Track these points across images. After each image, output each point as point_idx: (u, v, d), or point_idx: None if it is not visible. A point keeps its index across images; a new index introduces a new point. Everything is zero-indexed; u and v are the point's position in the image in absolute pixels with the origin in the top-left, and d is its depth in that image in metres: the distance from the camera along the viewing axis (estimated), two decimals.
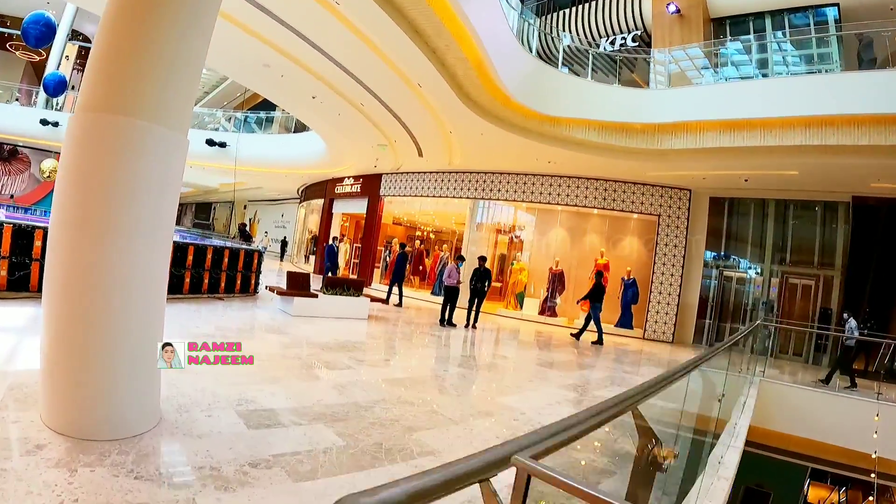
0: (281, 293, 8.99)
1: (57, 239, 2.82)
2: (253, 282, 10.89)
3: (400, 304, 12.90)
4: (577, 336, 11.38)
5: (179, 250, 8.86)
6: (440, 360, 7.15)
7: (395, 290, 13.11)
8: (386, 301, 11.31)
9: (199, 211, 42.70)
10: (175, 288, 8.71)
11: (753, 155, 10.38)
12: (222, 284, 9.89)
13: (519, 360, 8.09)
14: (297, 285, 9.34)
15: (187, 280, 9.02)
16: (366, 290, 10.52)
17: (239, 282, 10.39)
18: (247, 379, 4.45)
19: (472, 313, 10.75)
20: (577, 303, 11.87)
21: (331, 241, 15.20)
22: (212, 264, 9.62)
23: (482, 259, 10.92)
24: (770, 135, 9.81)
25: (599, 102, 11.17)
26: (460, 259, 11.32)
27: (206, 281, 9.49)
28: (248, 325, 7.43)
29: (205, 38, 3.18)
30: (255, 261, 10.99)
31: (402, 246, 14.30)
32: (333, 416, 3.89)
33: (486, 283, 10.73)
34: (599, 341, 11.11)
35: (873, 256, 12.35)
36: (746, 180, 12.37)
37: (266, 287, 9.82)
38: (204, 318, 7.23)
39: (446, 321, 10.57)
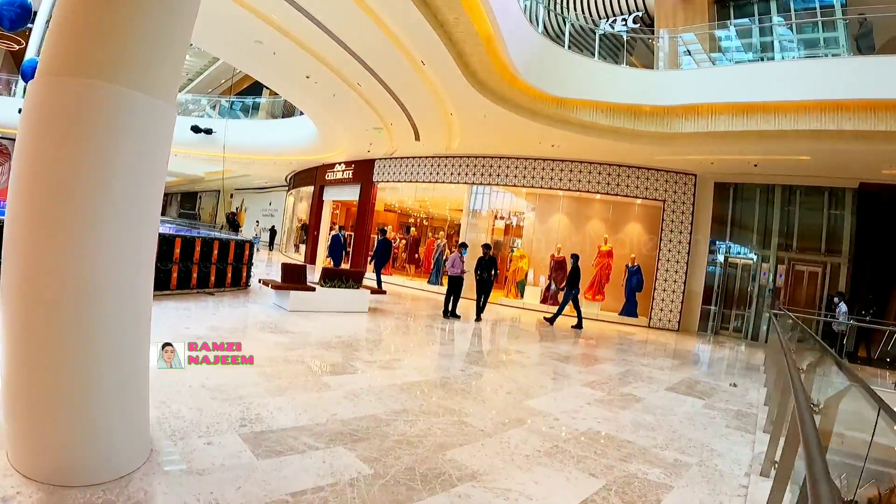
0: (276, 287, 8.43)
1: (14, 235, 2.23)
2: (244, 274, 10.31)
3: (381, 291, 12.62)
4: (577, 325, 11.10)
5: (166, 243, 8.27)
6: (453, 358, 6.68)
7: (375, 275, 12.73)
8: (382, 290, 10.83)
9: (184, 200, 42.12)
10: (162, 284, 8.13)
11: (767, 139, 10.05)
12: (212, 278, 9.31)
13: (532, 354, 7.63)
14: (292, 278, 8.79)
15: (174, 275, 8.42)
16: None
17: (230, 275, 9.80)
18: (248, 391, 3.93)
19: (479, 305, 10.29)
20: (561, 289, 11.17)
21: (337, 230, 14.41)
22: (200, 257, 9.02)
23: (487, 247, 10.41)
24: (785, 119, 9.51)
25: (608, 83, 10.68)
26: (463, 246, 10.78)
27: (195, 275, 8.90)
28: (242, 324, 6.87)
29: None
30: (247, 252, 10.40)
31: (383, 231, 13.70)
32: (353, 434, 3.39)
33: (493, 273, 10.24)
34: (579, 325, 11.07)
35: (879, 243, 12.16)
36: (756, 165, 12.00)
37: (259, 281, 9.24)
38: (195, 318, 6.66)
39: (450, 313, 10.10)
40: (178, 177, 34.84)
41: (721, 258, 13.70)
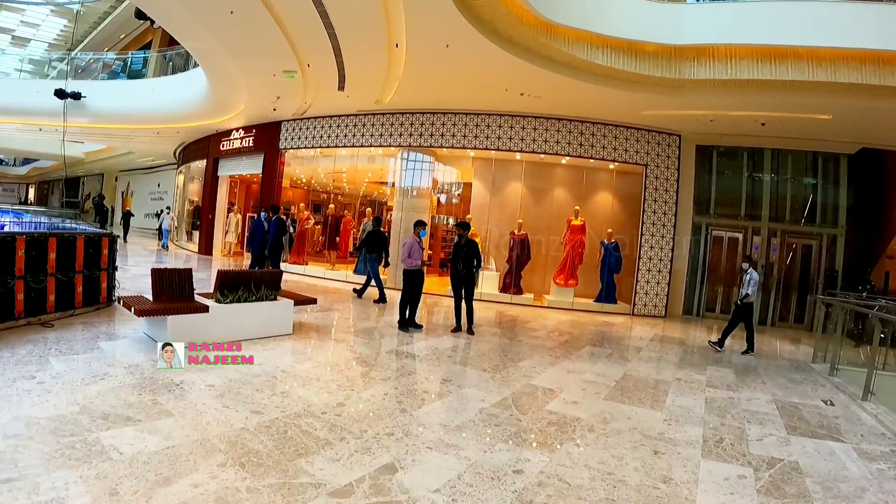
0: (143, 312, 5.09)
1: None
2: (104, 286, 6.80)
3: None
4: (359, 293, 10.11)
5: None
6: (477, 432, 3.70)
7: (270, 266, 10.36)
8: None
9: (67, 188, 37.23)
10: None
11: (794, 92, 8.31)
12: (51, 298, 5.81)
13: (573, 393, 5.00)
14: (171, 292, 5.50)
15: None
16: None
17: (80, 289, 6.31)
18: None
19: (463, 312, 7.54)
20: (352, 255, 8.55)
21: (259, 214, 10.91)
22: (28, 266, 5.49)
23: (464, 226, 7.57)
24: (821, 69, 7.87)
25: (606, 11, 8.26)
26: (420, 225, 7.73)
27: (21, 296, 5.38)
28: (78, 405, 3.52)
29: None
30: (105, 252, 6.86)
31: (276, 209, 10.70)
32: None
33: (476, 264, 7.48)
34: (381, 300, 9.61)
35: (879, 213, 11.16)
36: (764, 124, 10.27)
37: (120, 301, 5.81)
38: None
39: (407, 322, 7.28)
40: (54, 160, 29.21)
41: (704, 231, 11.98)
